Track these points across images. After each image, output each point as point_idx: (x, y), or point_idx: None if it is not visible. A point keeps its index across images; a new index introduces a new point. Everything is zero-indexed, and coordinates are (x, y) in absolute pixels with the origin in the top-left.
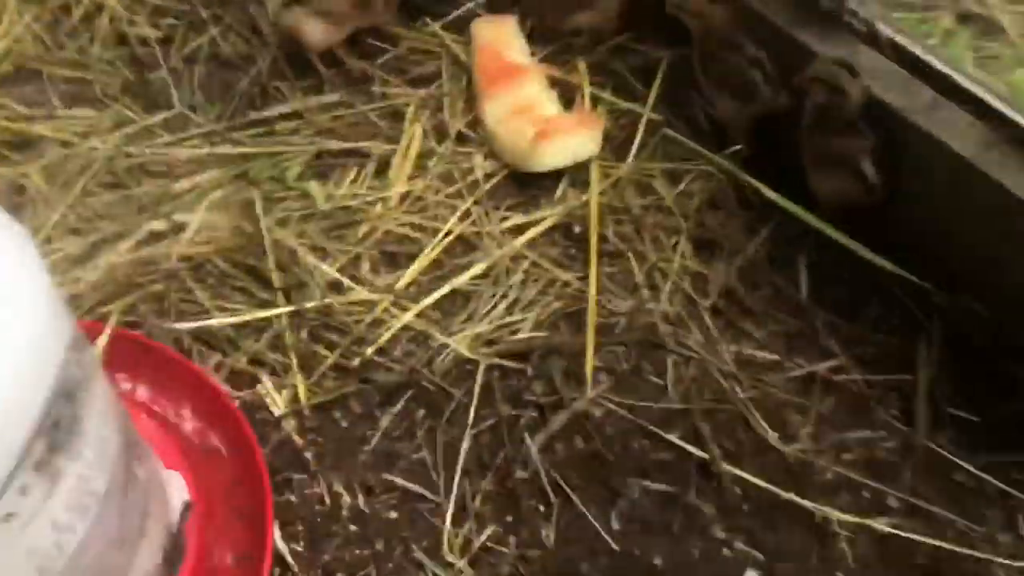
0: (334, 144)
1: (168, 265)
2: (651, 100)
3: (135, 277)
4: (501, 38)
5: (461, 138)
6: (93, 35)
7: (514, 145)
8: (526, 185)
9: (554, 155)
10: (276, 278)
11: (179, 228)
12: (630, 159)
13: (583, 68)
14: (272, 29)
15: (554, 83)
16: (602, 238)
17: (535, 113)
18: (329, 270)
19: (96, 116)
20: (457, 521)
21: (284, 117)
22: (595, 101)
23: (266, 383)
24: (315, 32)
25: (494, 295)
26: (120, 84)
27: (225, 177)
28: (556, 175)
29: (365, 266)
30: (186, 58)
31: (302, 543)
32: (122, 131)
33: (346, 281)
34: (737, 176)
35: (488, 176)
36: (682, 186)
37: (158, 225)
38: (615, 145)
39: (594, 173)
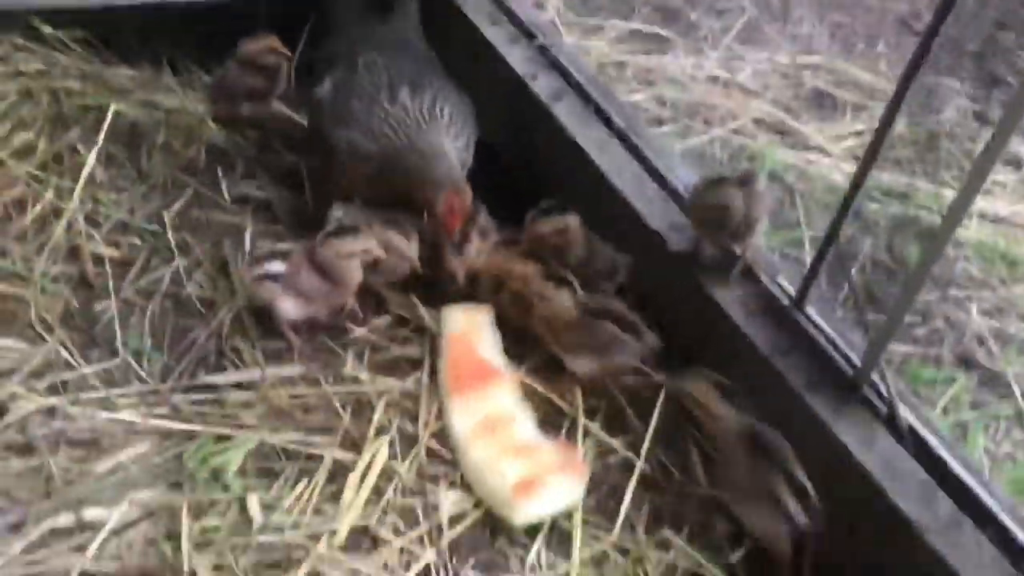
0: (285, 436)
1: None
2: (646, 446)
3: None
4: (474, 330)
5: (431, 452)
6: (43, 243)
7: (490, 488)
8: (496, 533)
9: (534, 512)
10: None
11: (87, 527)
12: (617, 526)
13: (579, 397)
14: (241, 284)
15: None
16: None
17: (508, 434)
18: None
19: (25, 352)
20: None
21: (237, 386)
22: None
23: None
24: (288, 309)
25: None
26: (61, 311)
27: (156, 460)
28: (533, 527)
29: None
30: (141, 291)
31: None
32: (49, 377)
33: None
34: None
35: (454, 519)
36: (663, 566)
37: (63, 520)
38: (601, 495)
39: (575, 548)
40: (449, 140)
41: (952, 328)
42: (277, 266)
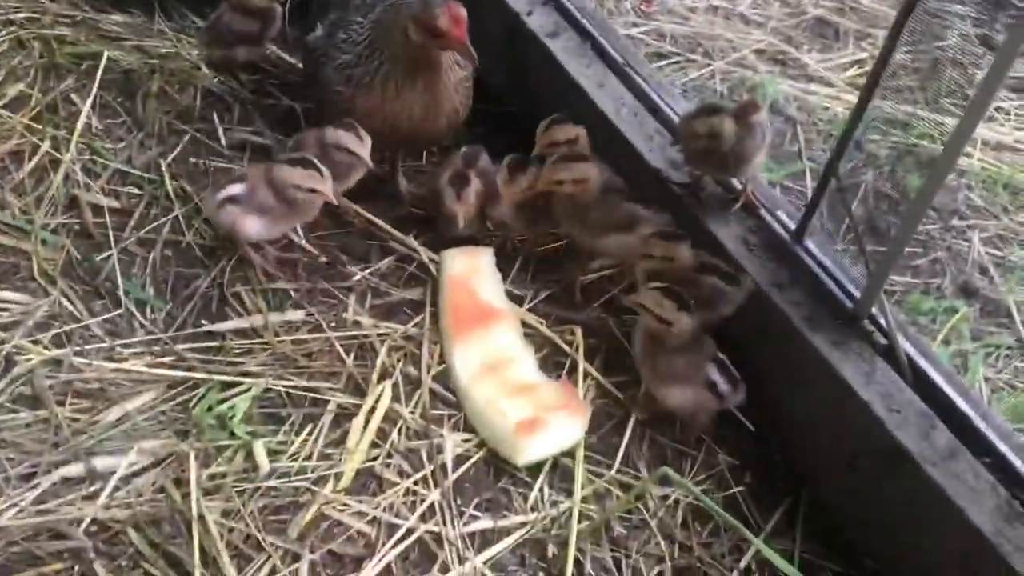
0: (289, 382)
1: (76, 535)
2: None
3: (34, 549)
4: (474, 273)
5: (433, 394)
6: (41, 195)
7: (492, 429)
8: (500, 473)
9: (537, 451)
10: None
11: (97, 477)
12: (616, 463)
13: (580, 337)
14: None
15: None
16: (577, 563)
17: (510, 374)
18: None
19: (28, 305)
20: None
21: (240, 333)
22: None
23: None
24: (251, 229)
25: None
26: (62, 263)
27: (162, 408)
28: (535, 465)
29: (303, 572)
30: (142, 240)
31: None
32: (54, 329)
33: None
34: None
35: (458, 460)
36: (670, 500)
37: (73, 470)
38: (603, 433)
39: (578, 485)
40: None
41: (954, 258)
42: (236, 188)
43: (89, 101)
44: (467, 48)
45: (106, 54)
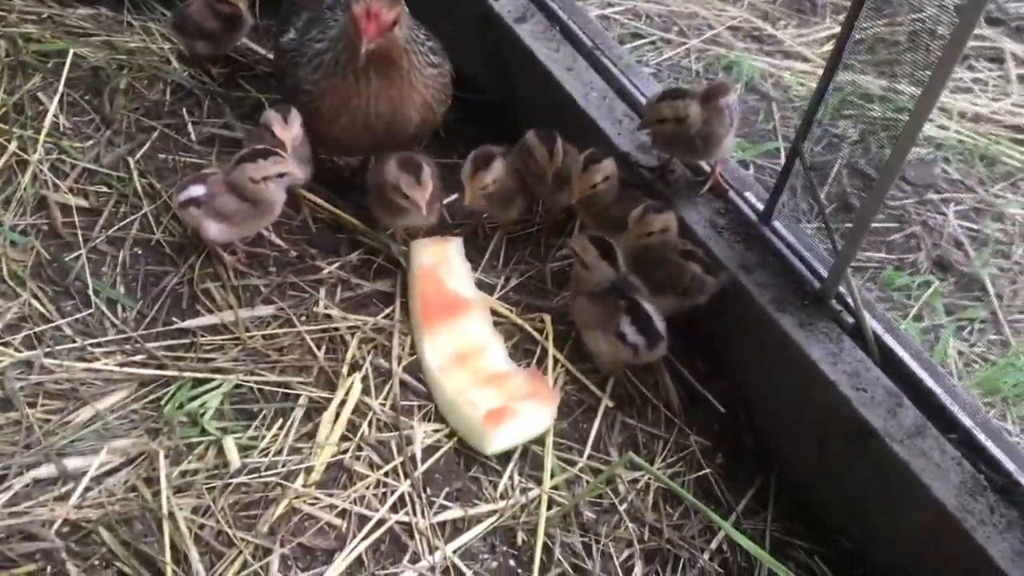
0: (260, 378)
1: (48, 537)
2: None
3: (6, 551)
4: (443, 263)
5: (404, 385)
6: (9, 196)
7: (462, 419)
8: (470, 461)
9: (505, 440)
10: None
11: (68, 477)
12: (587, 451)
13: (549, 325)
14: None
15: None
16: (547, 549)
17: (479, 364)
18: None
19: None
20: None
21: (210, 329)
22: (554, 361)
23: None
24: (213, 231)
25: None
26: (32, 264)
27: (133, 407)
28: (505, 453)
29: (274, 566)
30: (112, 239)
31: None
32: (24, 331)
33: None
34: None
35: (428, 451)
36: (640, 484)
37: (45, 471)
38: (573, 420)
39: (547, 472)
40: None
41: (929, 232)
42: (197, 189)
43: (56, 99)
44: (358, 45)
45: (72, 51)
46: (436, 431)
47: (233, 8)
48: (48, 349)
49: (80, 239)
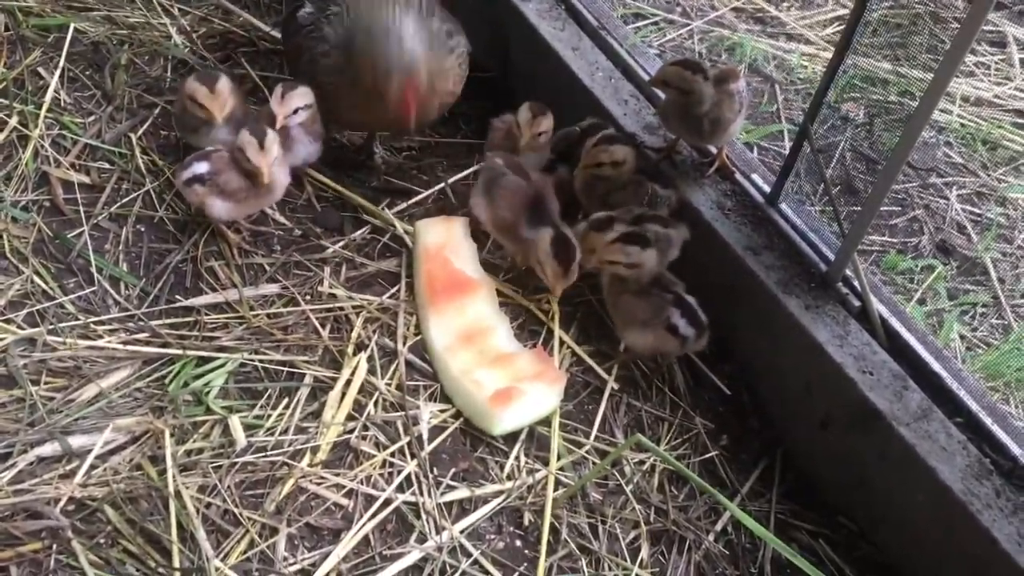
0: (265, 356)
1: (53, 515)
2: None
3: (11, 529)
4: (450, 242)
5: (409, 365)
6: (11, 172)
7: (468, 399)
8: (476, 442)
9: (512, 421)
10: (176, 554)
11: (73, 455)
12: (593, 432)
13: (555, 305)
14: None
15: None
16: (554, 530)
17: (485, 345)
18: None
19: (0, 283)
20: None
21: (214, 307)
22: (560, 342)
23: None
24: (218, 209)
25: None
26: (34, 241)
27: (138, 385)
28: (512, 434)
29: (281, 545)
30: (114, 216)
31: None
32: (27, 308)
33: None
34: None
35: (434, 431)
36: (646, 466)
37: (49, 449)
38: (580, 400)
39: (554, 453)
40: (411, 21)
41: (931, 216)
42: (202, 166)
43: (57, 74)
44: (407, 122)
45: (73, 26)
46: (442, 411)
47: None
48: (51, 326)
49: (82, 216)
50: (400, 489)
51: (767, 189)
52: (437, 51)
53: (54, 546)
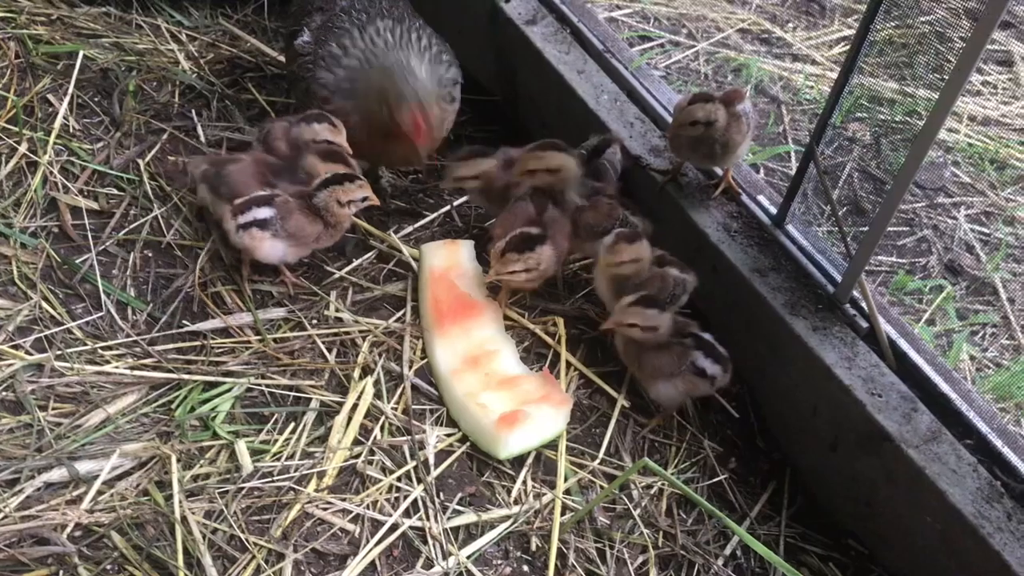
0: (271, 381)
1: (60, 541)
2: (628, 376)
3: (18, 555)
4: (455, 265)
5: (415, 389)
6: (20, 198)
7: (474, 423)
8: (483, 466)
9: (518, 444)
10: None
11: (80, 481)
12: (600, 454)
13: (562, 328)
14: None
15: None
16: (561, 555)
17: (491, 368)
18: None
19: (8, 309)
20: None
21: (221, 332)
22: (567, 365)
23: None
24: (278, 252)
25: None
26: (42, 266)
27: (144, 410)
28: (519, 458)
29: (287, 571)
30: (122, 241)
31: None
32: (35, 333)
33: None
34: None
35: (440, 455)
36: (653, 489)
37: (56, 475)
38: (587, 424)
39: (560, 476)
40: (421, 61)
41: (940, 236)
42: (265, 212)
43: (66, 101)
44: (420, 148)
45: (82, 52)
46: (448, 435)
47: None
48: (59, 352)
49: (90, 241)
50: (407, 514)
51: (773, 210)
52: (440, 90)
53: (61, 572)
